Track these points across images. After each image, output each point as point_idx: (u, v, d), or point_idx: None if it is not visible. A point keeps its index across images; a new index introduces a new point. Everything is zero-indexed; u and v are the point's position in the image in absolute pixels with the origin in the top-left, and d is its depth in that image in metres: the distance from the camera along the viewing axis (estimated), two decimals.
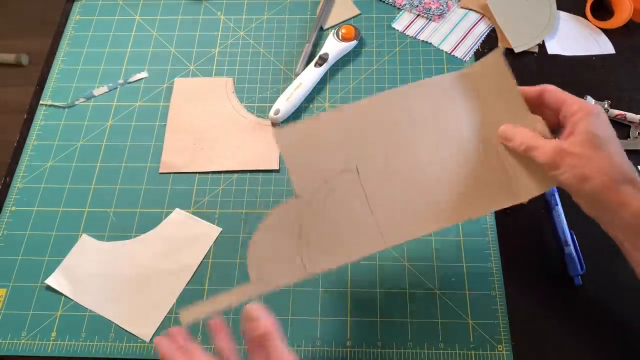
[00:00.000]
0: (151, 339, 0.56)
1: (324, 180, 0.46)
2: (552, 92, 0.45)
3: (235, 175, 0.65)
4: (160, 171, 0.66)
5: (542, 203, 0.61)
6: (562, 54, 0.72)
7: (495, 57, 0.47)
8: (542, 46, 0.72)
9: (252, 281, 0.45)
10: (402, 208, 0.46)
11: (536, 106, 0.46)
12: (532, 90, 0.46)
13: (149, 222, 0.62)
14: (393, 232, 0.45)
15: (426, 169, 0.47)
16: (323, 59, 0.70)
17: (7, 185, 0.65)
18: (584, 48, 0.72)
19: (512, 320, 0.55)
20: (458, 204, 0.46)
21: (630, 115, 0.65)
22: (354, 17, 0.77)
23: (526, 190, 0.45)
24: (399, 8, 0.77)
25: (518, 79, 0.46)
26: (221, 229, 0.61)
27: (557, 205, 0.60)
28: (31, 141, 0.69)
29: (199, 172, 0.65)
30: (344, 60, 0.73)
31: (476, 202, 0.46)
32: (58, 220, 0.63)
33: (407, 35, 0.75)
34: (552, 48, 0.72)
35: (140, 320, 0.57)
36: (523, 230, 0.60)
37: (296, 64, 0.72)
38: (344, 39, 0.72)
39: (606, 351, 0.54)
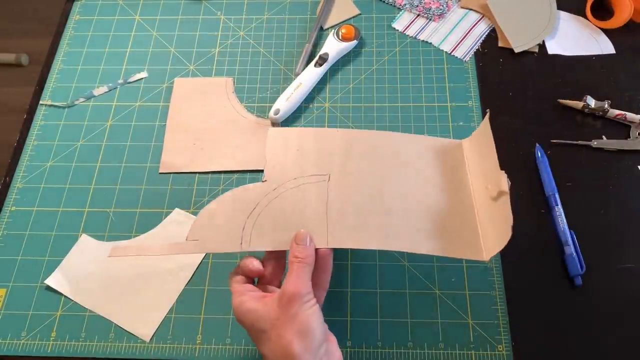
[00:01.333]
0: (151, 339, 0.56)
1: (294, 177, 0.50)
2: None
3: (235, 175, 0.65)
4: (160, 171, 0.66)
5: (542, 203, 0.61)
6: (562, 54, 0.72)
7: (484, 125, 0.52)
8: (542, 46, 0.72)
9: (188, 238, 0.47)
10: (357, 221, 0.48)
11: None
12: None
13: (149, 222, 0.62)
14: (339, 237, 0.47)
15: (393, 197, 0.50)
16: (323, 59, 0.70)
17: (7, 185, 0.65)
18: (584, 48, 0.72)
19: (512, 320, 0.55)
20: (415, 236, 0.48)
21: (630, 115, 0.65)
22: (354, 17, 0.77)
23: (489, 249, 0.47)
24: (399, 8, 0.77)
25: (518, 79, 0.46)
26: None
27: (557, 205, 0.60)
28: (31, 141, 0.69)
29: (199, 172, 0.65)
30: (344, 60, 0.73)
31: (432, 242, 0.48)
32: (58, 220, 0.63)
33: (407, 35, 0.75)
34: (552, 48, 0.72)
35: (140, 320, 0.57)
36: (523, 230, 0.60)
37: (296, 64, 0.72)
38: (344, 39, 0.72)
39: (606, 351, 0.54)
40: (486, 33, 0.74)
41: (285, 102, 0.67)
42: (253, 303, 0.42)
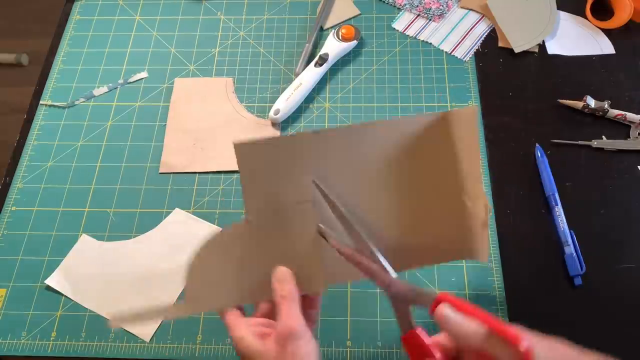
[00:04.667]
0: (151, 339, 0.56)
1: (278, 208, 0.43)
2: None
3: (235, 175, 0.65)
4: (160, 171, 0.66)
5: (542, 203, 0.61)
6: (562, 54, 0.72)
7: (470, 113, 0.43)
8: (542, 46, 0.72)
9: (186, 300, 0.43)
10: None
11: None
12: None
13: (149, 222, 0.62)
14: (337, 272, 0.43)
15: (382, 214, 0.45)
16: (323, 59, 0.70)
17: (7, 185, 0.65)
18: (584, 48, 0.72)
19: (512, 320, 0.55)
20: (407, 252, 0.44)
21: (630, 115, 0.65)
22: (354, 17, 0.77)
23: (483, 251, 0.43)
24: (399, 8, 0.77)
25: (518, 79, 0.46)
26: (221, 229, 0.61)
27: (557, 205, 0.60)
28: (31, 141, 0.69)
29: (199, 172, 0.65)
30: (344, 60, 0.73)
31: (427, 252, 0.45)
32: (58, 220, 0.63)
33: (407, 35, 0.75)
34: (552, 48, 0.72)
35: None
36: (523, 230, 0.60)
37: (296, 64, 0.72)
38: (344, 39, 0.72)
39: (606, 351, 0.54)
40: (486, 33, 0.74)
41: (285, 102, 0.67)
42: (253, 340, 0.41)
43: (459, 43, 0.73)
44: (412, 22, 0.76)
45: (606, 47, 0.72)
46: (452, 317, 0.35)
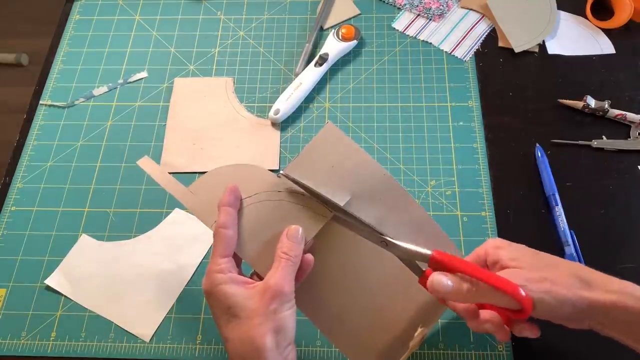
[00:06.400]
0: (151, 339, 0.56)
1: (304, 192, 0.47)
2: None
3: None
4: None
5: (542, 203, 0.61)
6: (562, 54, 0.72)
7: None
8: (542, 46, 0.72)
9: (191, 192, 0.46)
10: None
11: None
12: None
13: (149, 222, 0.62)
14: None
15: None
16: (323, 59, 0.70)
17: (7, 185, 0.65)
18: (584, 48, 0.72)
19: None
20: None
21: (630, 115, 0.65)
22: (354, 17, 0.77)
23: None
24: (399, 8, 0.77)
25: (518, 79, 0.46)
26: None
27: (557, 205, 0.60)
28: (31, 141, 0.69)
29: (199, 172, 0.65)
30: (344, 60, 0.73)
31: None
32: (58, 220, 0.63)
33: (407, 35, 0.74)
34: (552, 48, 0.72)
35: (140, 320, 0.57)
36: (523, 230, 0.60)
37: (296, 64, 0.72)
38: (344, 38, 0.72)
39: (606, 351, 0.54)
40: (486, 33, 0.74)
41: (285, 102, 0.67)
42: (234, 287, 0.41)
43: (459, 43, 0.73)
44: (412, 22, 0.76)
45: (606, 47, 0.72)
46: (442, 286, 0.41)
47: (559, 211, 0.60)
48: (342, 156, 0.48)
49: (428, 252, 0.42)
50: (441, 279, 0.41)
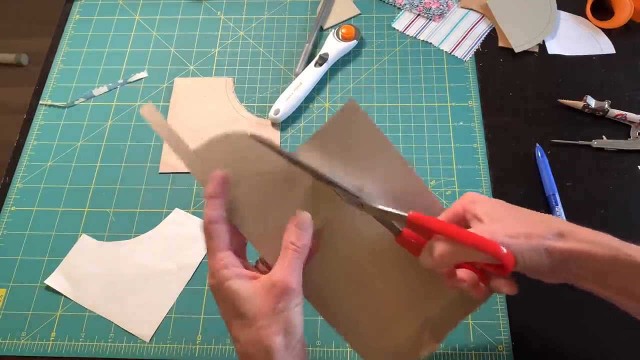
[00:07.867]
0: (151, 339, 0.56)
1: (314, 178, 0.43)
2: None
3: None
4: (160, 171, 0.66)
5: (542, 203, 0.61)
6: (562, 54, 0.72)
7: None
8: (542, 46, 0.72)
9: (197, 154, 0.42)
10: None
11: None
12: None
13: (149, 222, 0.62)
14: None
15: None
16: (323, 59, 0.70)
17: (7, 185, 0.65)
18: (584, 48, 0.72)
19: (512, 320, 0.55)
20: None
21: (630, 115, 0.65)
22: (354, 17, 0.77)
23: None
24: (399, 8, 0.77)
25: (518, 79, 0.46)
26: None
27: (557, 205, 0.60)
28: (31, 141, 0.69)
29: None
30: (344, 60, 0.73)
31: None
32: (58, 220, 0.63)
33: (407, 35, 0.74)
34: (552, 48, 0.72)
35: (140, 320, 0.57)
36: None
37: (296, 63, 0.72)
38: (344, 38, 0.72)
39: (606, 351, 0.54)
40: (486, 33, 0.74)
41: (285, 102, 0.67)
42: (239, 283, 0.39)
43: (459, 43, 0.73)
44: (412, 22, 0.76)
45: (606, 47, 0.72)
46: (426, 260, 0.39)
47: (559, 211, 0.60)
48: (362, 141, 0.44)
49: (404, 213, 0.40)
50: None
